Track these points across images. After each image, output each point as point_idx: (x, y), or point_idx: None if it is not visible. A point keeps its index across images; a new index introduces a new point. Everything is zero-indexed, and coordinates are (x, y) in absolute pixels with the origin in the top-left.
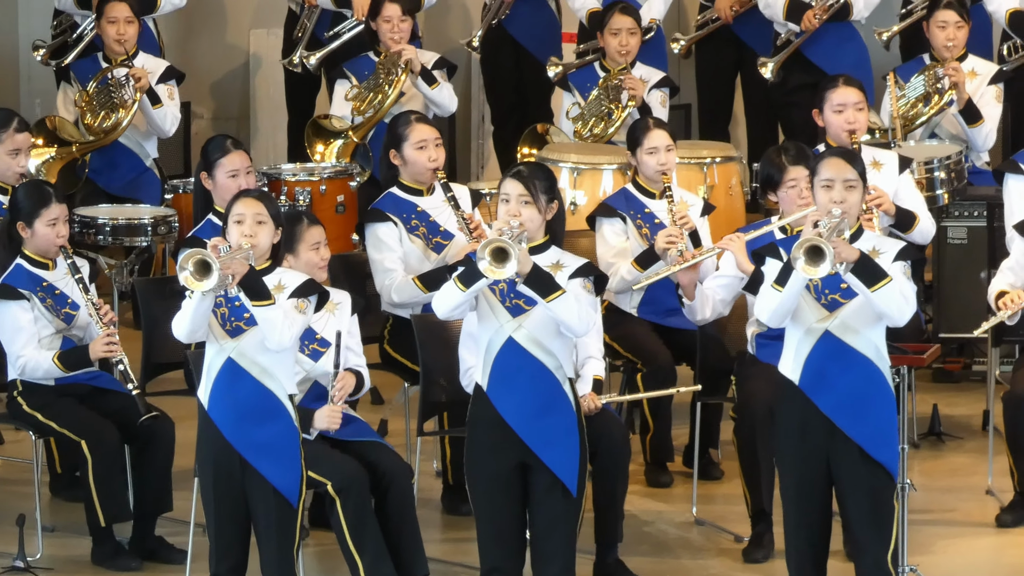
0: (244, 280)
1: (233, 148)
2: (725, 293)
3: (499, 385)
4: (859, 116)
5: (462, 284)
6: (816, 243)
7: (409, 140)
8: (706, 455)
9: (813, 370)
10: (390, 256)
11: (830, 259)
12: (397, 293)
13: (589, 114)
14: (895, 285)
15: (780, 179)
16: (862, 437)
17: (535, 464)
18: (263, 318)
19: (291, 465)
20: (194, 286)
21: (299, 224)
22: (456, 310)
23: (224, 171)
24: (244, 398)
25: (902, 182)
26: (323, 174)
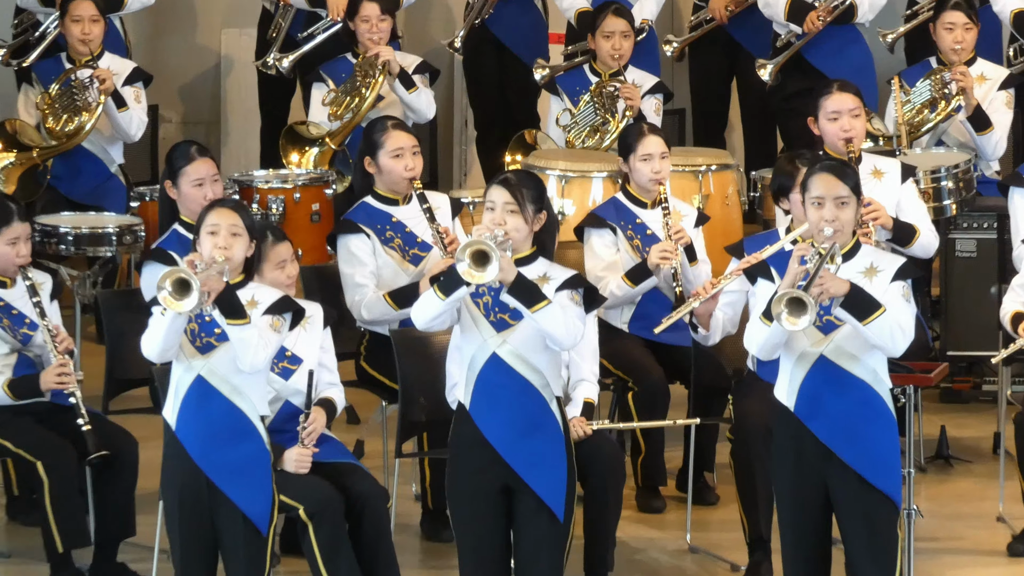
0: (220, 298)
1: (198, 155)
2: (732, 311)
3: (482, 403)
4: (855, 123)
5: (442, 292)
6: (796, 295)
7: (385, 148)
8: (701, 479)
9: (808, 396)
10: (361, 271)
11: (811, 313)
12: (367, 310)
13: (583, 123)
14: (888, 317)
15: (792, 184)
16: (859, 463)
17: (520, 487)
18: (238, 338)
19: (261, 489)
20: (174, 307)
21: (263, 241)
22: (436, 320)
23: (189, 179)
24: (214, 418)
25: (904, 192)
26: (297, 181)
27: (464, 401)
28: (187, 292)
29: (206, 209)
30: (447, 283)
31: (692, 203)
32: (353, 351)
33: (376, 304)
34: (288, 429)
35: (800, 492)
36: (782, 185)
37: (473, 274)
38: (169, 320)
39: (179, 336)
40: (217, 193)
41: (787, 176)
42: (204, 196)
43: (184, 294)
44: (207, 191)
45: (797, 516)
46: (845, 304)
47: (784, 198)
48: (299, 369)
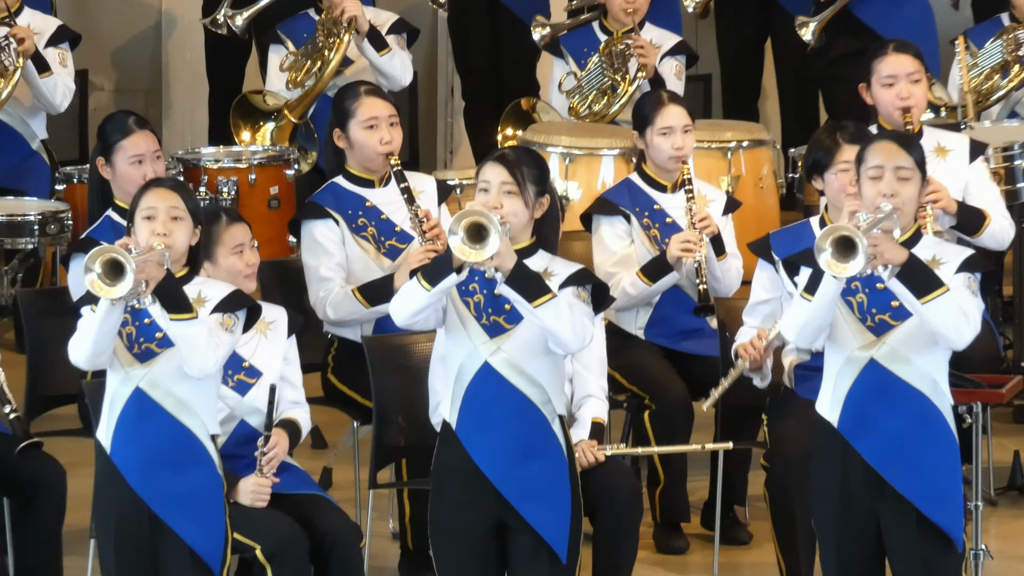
0: (160, 287)
1: (137, 127)
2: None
3: (471, 423)
4: (915, 90)
5: (427, 281)
6: (846, 233)
7: (357, 117)
8: (730, 513)
9: (855, 409)
10: (327, 262)
11: (863, 254)
12: (333, 308)
13: (588, 87)
14: (952, 297)
15: (829, 161)
16: (915, 493)
17: (515, 523)
18: (183, 336)
19: (213, 523)
20: (103, 292)
21: (216, 223)
22: (419, 315)
23: (126, 156)
24: (156, 439)
25: (974, 173)
26: (253, 160)
27: (449, 420)
28: (120, 275)
29: (141, 190)
30: (434, 270)
31: (720, 186)
32: (319, 362)
33: (344, 301)
34: (244, 454)
35: (846, 528)
36: (817, 161)
37: (467, 250)
38: (101, 315)
39: (112, 337)
40: (159, 172)
41: (824, 151)
42: (143, 176)
43: (117, 278)
44: (147, 170)
45: (843, 557)
46: (902, 275)
47: (818, 176)
48: (258, 383)
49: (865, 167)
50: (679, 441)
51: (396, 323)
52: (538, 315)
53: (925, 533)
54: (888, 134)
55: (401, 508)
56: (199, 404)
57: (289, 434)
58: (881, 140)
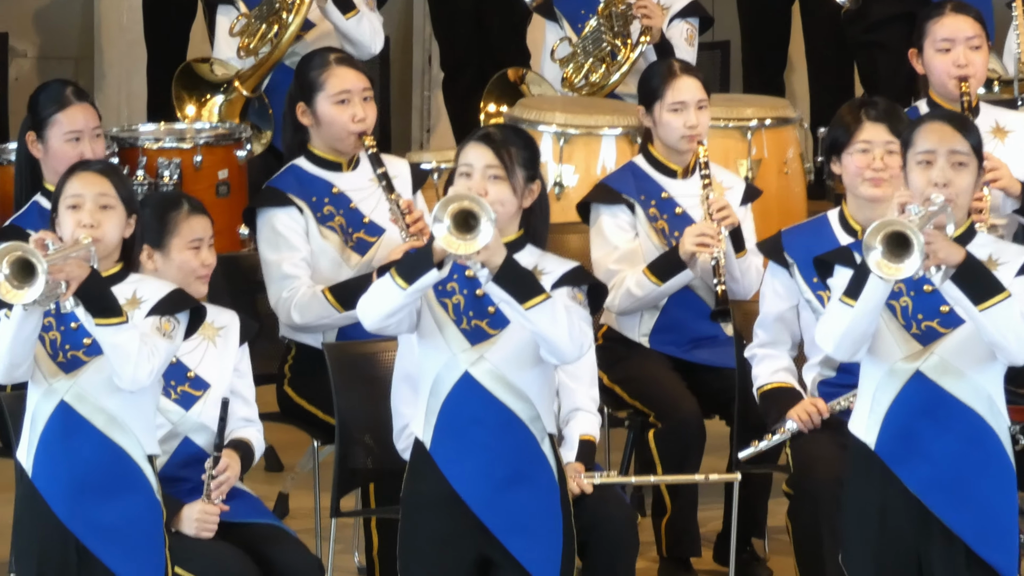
0: (84, 288)
1: (75, 99)
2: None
3: (449, 443)
4: (974, 57)
5: (402, 279)
6: (899, 228)
7: (326, 90)
8: (748, 548)
9: (897, 429)
10: (291, 257)
11: (919, 253)
12: (300, 311)
13: (584, 54)
14: (1014, 304)
15: (847, 140)
16: (966, 528)
17: (500, 558)
18: (111, 343)
19: (150, 557)
20: (11, 297)
21: (176, 210)
22: (393, 317)
23: (61, 132)
24: (84, 460)
25: None
26: (199, 139)
27: (423, 440)
28: (30, 277)
29: (65, 175)
30: (411, 266)
31: (738, 171)
32: (276, 372)
33: (312, 303)
34: (188, 477)
35: (883, 567)
36: (836, 141)
37: (456, 241)
38: (16, 321)
39: (31, 345)
40: (97, 152)
41: (843, 130)
42: (80, 155)
43: (26, 280)
44: (84, 149)
45: None
46: (958, 278)
47: (836, 159)
48: (204, 396)
49: (913, 152)
50: (689, 467)
51: (365, 326)
52: (530, 318)
53: (975, 574)
54: (940, 114)
55: (368, 540)
56: (134, 420)
57: (241, 456)
58: (932, 121)
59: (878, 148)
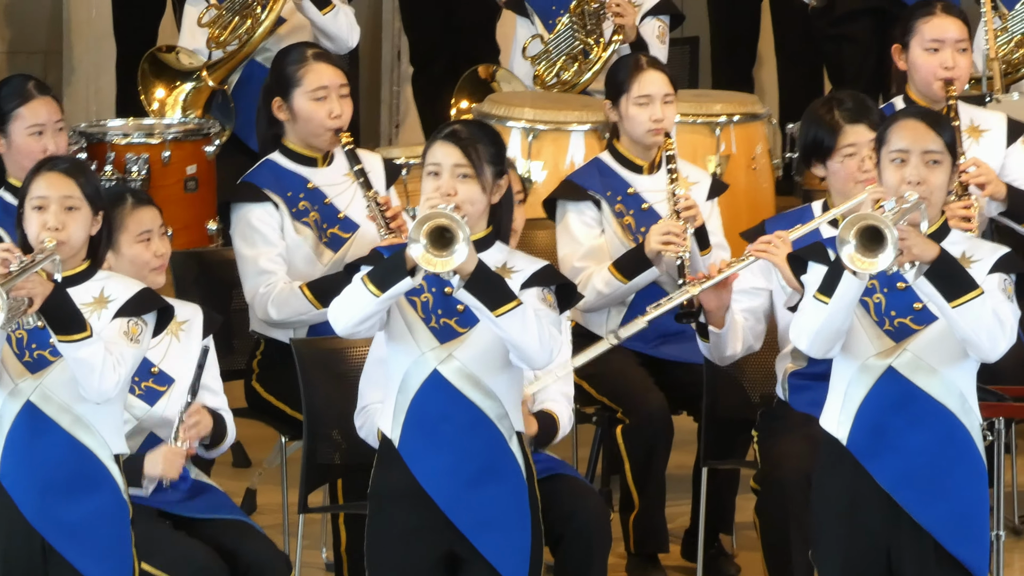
0: (47, 305)
1: (37, 93)
2: (755, 320)
3: (417, 440)
4: (961, 60)
5: (375, 286)
6: (873, 223)
7: (303, 86)
8: (715, 543)
9: (869, 425)
10: (268, 252)
11: (892, 248)
12: (277, 307)
13: (556, 51)
14: (987, 301)
15: (832, 144)
16: (937, 523)
17: (467, 554)
18: (75, 358)
19: (116, 555)
20: None
21: (120, 205)
22: (364, 324)
23: (23, 126)
24: (50, 460)
25: (1012, 156)
26: (167, 135)
27: (392, 436)
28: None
29: (31, 174)
30: (383, 273)
31: (707, 166)
32: (244, 367)
33: (290, 299)
34: None
35: (852, 562)
36: (818, 144)
37: (433, 259)
38: None
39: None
40: (60, 147)
41: (826, 131)
42: (43, 150)
43: None
44: (47, 143)
45: None
46: (931, 274)
47: (819, 162)
48: (168, 391)
49: (887, 149)
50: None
51: (337, 331)
52: (500, 325)
53: (945, 570)
54: (915, 112)
55: (336, 536)
56: (100, 420)
57: (215, 423)
58: (906, 119)
59: (864, 149)
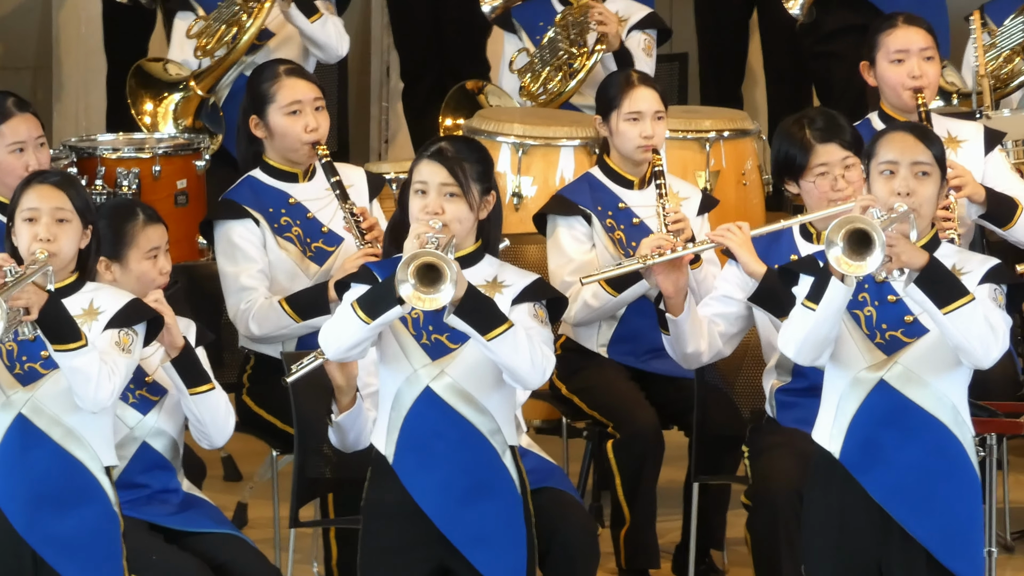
0: (43, 315)
1: (16, 110)
2: (728, 325)
3: (411, 456)
4: (928, 68)
5: (365, 314)
6: (862, 226)
7: (277, 102)
8: (706, 559)
9: (861, 439)
10: (248, 269)
11: (880, 250)
12: (258, 323)
13: (542, 63)
14: (978, 308)
15: (804, 163)
16: (930, 536)
17: (462, 570)
18: (71, 367)
19: (107, 568)
20: None
21: (131, 221)
22: (355, 349)
23: (4, 143)
24: (41, 472)
25: (991, 165)
26: (157, 149)
27: (385, 453)
28: None
29: (22, 186)
30: (373, 301)
31: (696, 182)
32: (235, 382)
33: (270, 314)
34: (147, 483)
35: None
36: (790, 162)
37: (424, 298)
38: None
39: None
40: (43, 161)
41: (798, 147)
42: (25, 167)
43: None
44: (28, 159)
45: None
46: (922, 281)
47: (792, 181)
48: (161, 401)
49: (876, 162)
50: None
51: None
52: (492, 348)
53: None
54: (903, 125)
55: (327, 550)
56: (91, 433)
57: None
58: (895, 132)
59: (836, 168)
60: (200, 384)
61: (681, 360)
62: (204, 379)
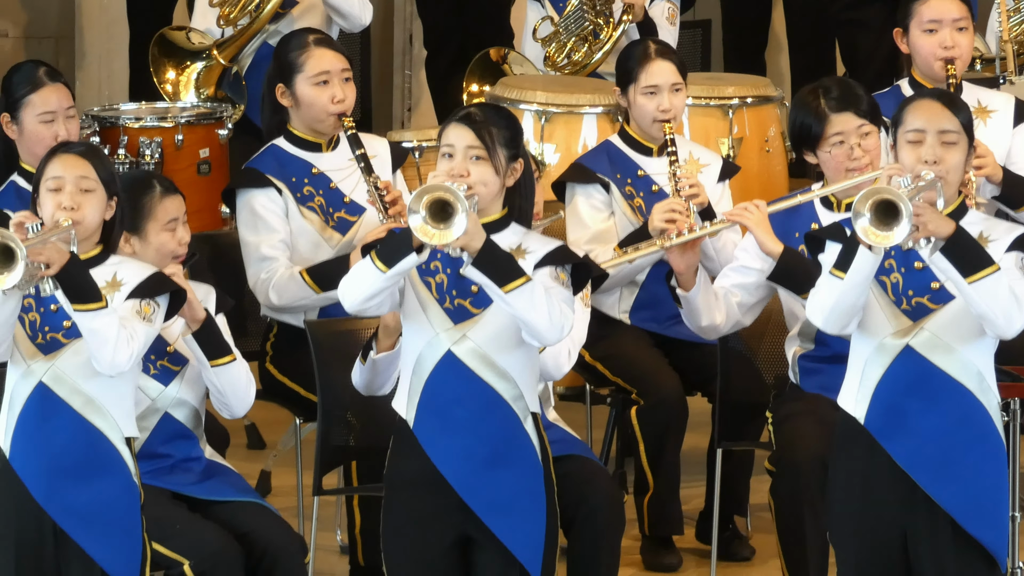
0: (63, 273)
1: (48, 80)
2: (746, 295)
3: (432, 421)
4: (960, 39)
5: (382, 262)
6: (888, 196)
7: (304, 72)
8: (730, 525)
9: (886, 404)
10: (270, 239)
11: (907, 221)
12: (278, 293)
13: (567, 33)
14: (1002, 278)
15: (820, 132)
16: (955, 503)
17: (482, 537)
18: (90, 328)
19: (126, 539)
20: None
21: (148, 193)
22: (373, 300)
23: (34, 112)
24: (61, 442)
25: (1019, 137)
26: (180, 118)
27: (407, 418)
28: (9, 263)
29: (47, 157)
30: (391, 249)
31: (719, 149)
32: (257, 350)
33: (290, 285)
34: (169, 453)
35: (868, 542)
36: (806, 132)
37: (431, 231)
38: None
39: (11, 327)
40: (72, 132)
41: (814, 116)
42: (54, 136)
43: (5, 266)
44: (58, 129)
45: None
46: (947, 250)
47: (809, 150)
48: (182, 371)
49: (903, 130)
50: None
51: (346, 308)
52: (509, 301)
53: (962, 550)
54: (931, 93)
55: (351, 518)
56: (112, 403)
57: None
58: (922, 99)
59: (852, 136)
60: (221, 356)
61: (698, 331)
62: (225, 351)
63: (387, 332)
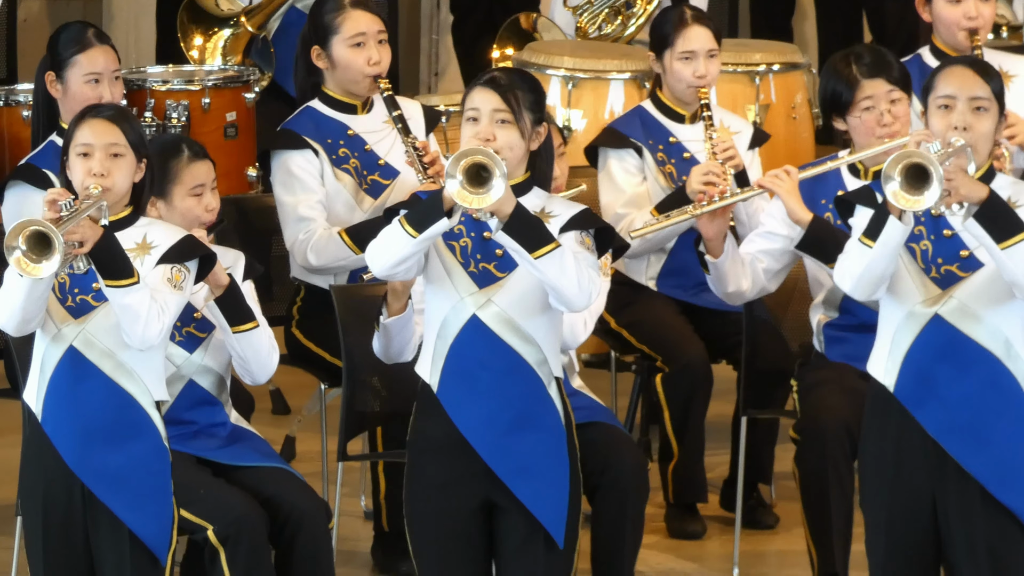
0: (97, 249)
1: (97, 41)
2: (772, 261)
3: (456, 386)
4: (984, 8)
5: (412, 227)
6: (919, 160)
7: (341, 33)
8: (754, 493)
9: (916, 372)
10: (307, 199)
11: (937, 185)
12: (316, 253)
13: (599, 4)
14: None
15: (851, 98)
16: (984, 470)
17: (506, 503)
18: (122, 304)
19: (156, 503)
20: (32, 272)
21: (176, 157)
22: (402, 265)
23: (81, 72)
24: (92, 405)
25: None
26: (207, 81)
27: (430, 383)
28: (48, 251)
29: (76, 121)
30: (421, 214)
31: (746, 116)
32: (283, 314)
33: (329, 245)
34: (194, 419)
35: (898, 509)
36: (837, 98)
37: (469, 196)
38: (27, 284)
39: (44, 301)
40: (116, 96)
41: (844, 83)
42: (99, 98)
43: (44, 253)
44: (103, 91)
45: (892, 544)
46: (980, 215)
47: (838, 116)
48: (208, 337)
49: (934, 96)
50: (696, 409)
51: (375, 273)
52: (539, 267)
53: (991, 516)
54: (963, 59)
55: (375, 484)
56: (142, 366)
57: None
58: (954, 66)
59: (882, 102)
60: (243, 322)
61: (724, 298)
62: (248, 317)
63: (395, 295)
